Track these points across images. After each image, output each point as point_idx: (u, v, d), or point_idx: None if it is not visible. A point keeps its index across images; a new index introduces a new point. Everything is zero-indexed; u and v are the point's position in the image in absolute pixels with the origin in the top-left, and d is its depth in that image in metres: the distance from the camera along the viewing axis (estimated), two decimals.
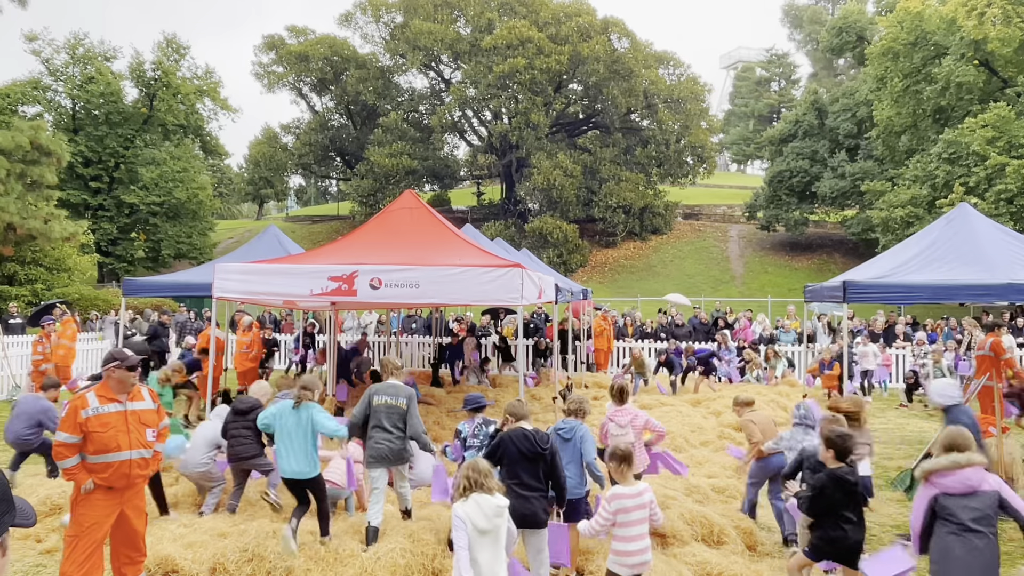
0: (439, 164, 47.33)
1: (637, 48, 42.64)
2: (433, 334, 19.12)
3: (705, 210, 49.54)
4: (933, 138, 29.15)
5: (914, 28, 29.44)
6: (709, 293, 32.97)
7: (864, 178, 34.33)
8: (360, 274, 8.55)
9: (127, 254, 36.21)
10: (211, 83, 40.16)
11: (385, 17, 46.61)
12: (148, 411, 5.58)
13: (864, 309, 21.34)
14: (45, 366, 12.48)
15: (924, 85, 29.33)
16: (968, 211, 10.30)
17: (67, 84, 36.09)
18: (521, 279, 8.27)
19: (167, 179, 36.07)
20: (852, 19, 39.77)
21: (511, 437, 5.53)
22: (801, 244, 41.10)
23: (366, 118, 48.50)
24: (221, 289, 9.51)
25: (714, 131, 48.26)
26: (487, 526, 4.49)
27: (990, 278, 8.54)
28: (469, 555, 4.42)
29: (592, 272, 39.81)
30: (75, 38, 36.17)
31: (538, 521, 5.34)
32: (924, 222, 24.23)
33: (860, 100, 37.20)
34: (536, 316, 20.05)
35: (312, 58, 45.77)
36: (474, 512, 4.49)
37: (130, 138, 37.16)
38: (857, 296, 9.31)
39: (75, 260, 29.17)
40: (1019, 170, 23.92)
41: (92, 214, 35.99)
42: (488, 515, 4.51)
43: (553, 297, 11.41)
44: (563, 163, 39.74)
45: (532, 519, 5.30)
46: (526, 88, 40.07)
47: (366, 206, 42.74)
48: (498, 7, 44.17)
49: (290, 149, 48.74)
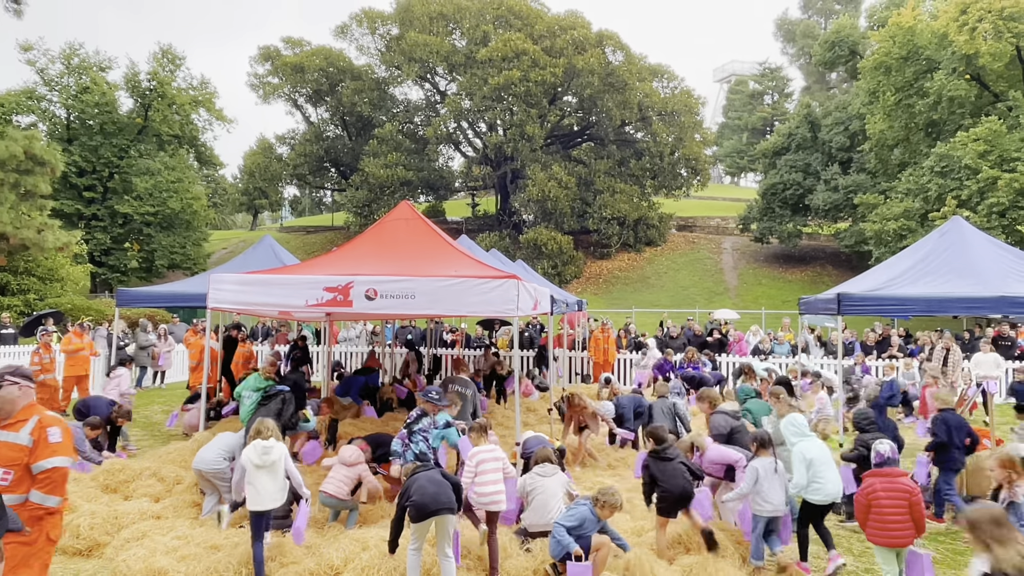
0: (434, 175, 47.42)
1: (631, 61, 42.88)
2: (428, 345, 19.10)
3: (699, 222, 49.74)
4: (925, 151, 29.34)
5: (906, 43, 29.70)
6: (703, 305, 33.04)
7: (857, 191, 34.53)
8: (356, 285, 8.53)
9: (120, 264, 36.06)
10: (206, 93, 40.16)
11: (381, 29, 46.79)
12: (13, 445, 4.63)
13: (856, 322, 21.41)
14: (43, 376, 12.39)
15: (916, 99, 29.56)
16: (961, 224, 10.35)
17: (62, 94, 36.04)
18: (517, 290, 8.27)
19: (161, 189, 35.99)
20: (844, 33, 40.11)
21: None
22: (795, 256, 41.26)
23: (361, 129, 48.58)
24: (216, 300, 9.47)
25: (708, 144, 48.52)
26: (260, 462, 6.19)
27: (983, 291, 8.58)
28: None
29: (587, 283, 39.86)
30: (70, 48, 36.15)
31: (446, 506, 5.79)
32: (917, 235, 24.36)
33: (853, 114, 37.48)
34: (531, 327, 20.06)
35: (308, 69, 45.87)
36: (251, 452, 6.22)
37: (124, 148, 37.09)
38: (851, 308, 9.34)
39: (68, 270, 29.03)
40: (1011, 184, 24.08)
41: (85, 224, 35.86)
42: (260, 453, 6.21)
43: (548, 308, 11.41)
44: (558, 175, 39.86)
45: (442, 505, 5.80)
46: (521, 100, 40.23)
47: (361, 217, 42.76)
48: (493, 20, 44.39)
49: (285, 160, 48.74)
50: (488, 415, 14.10)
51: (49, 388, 12.45)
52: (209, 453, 7.87)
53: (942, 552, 7.48)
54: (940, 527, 8.22)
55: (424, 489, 5.76)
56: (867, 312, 9.64)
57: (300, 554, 6.49)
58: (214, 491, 7.91)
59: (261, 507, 6.23)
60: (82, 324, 16.43)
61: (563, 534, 5.95)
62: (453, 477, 6.10)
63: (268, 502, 6.26)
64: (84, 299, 28.79)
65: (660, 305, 33.45)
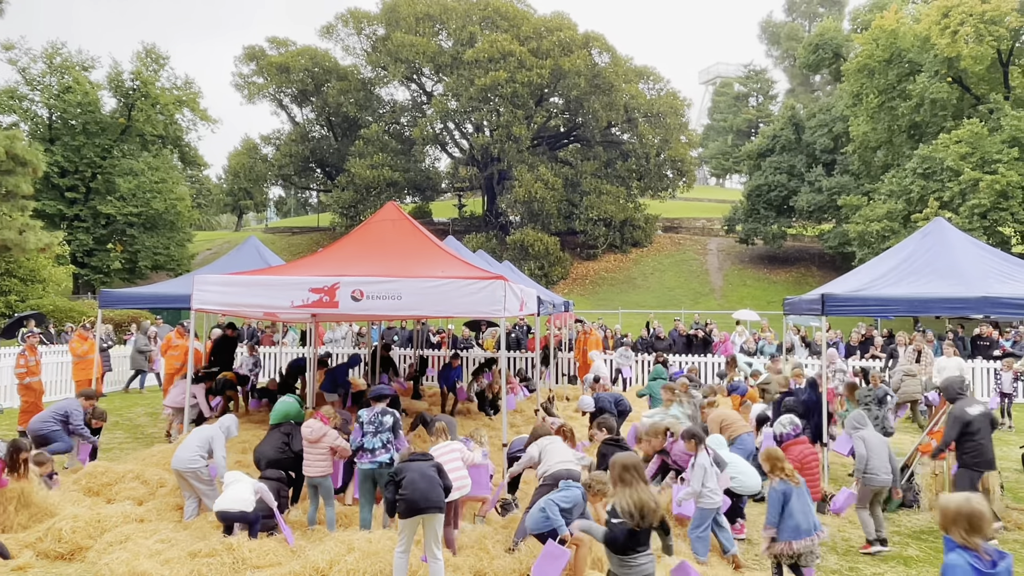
0: (420, 176, 47.33)
1: (617, 63, 43.00)
2: (414, 347, 19.06)
3: (685, 223, 49.95)
4: (908, 153, 29.61)
5: (889, 45, 29.96)
6: (689, 306, 33.17)
7: (840, 192, 34.79)
8: (342, 286, 8.50)
9: (103, 265, 35.73)
10: (190, 93, 39.90)
11: (367, 29, 46.65)
12: None
13: (839, 322, 21.59)
14: (29, 379, 12.23)
15: (899, 101, 29.82)
16: (943, 225, 10.42)
17: (44, 94, 35.67)
18: (504, 291, 8.25)
19: (145, 190, 35.71)
20: (828, 36, 40.38)
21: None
22: (779, 257, 41.51)
23: (347, 129, 48.40)
24: (200, 301, 9.40)
25: (693, 145, 48.71)
26: None
27: (966, 291, 8.63)
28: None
29: (573, 284, 39.92)
30: (52, 47, 35.80)
31: (434, 505, 5.80)
32: (899, 236, 24.58)
33: (836, 116, 37.78)
34: (518, 328, 20.06)
35: (293, 69, 45.66)
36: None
37: (107, 148, 36.77)
38: (836, 309, 9.37)
39: (50, 271, 28.74)
40: (992, 185, 24.34)
41: (68, 225, 35.52)
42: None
43: (535, 309, 11.41)
44: (544, 176, 39.90)
45: (431, 503, 5.81)
46: (508, 101, 40.24)
47: (347, 218, 42.62)
48: (480, 21, 44.38)
49: (270, 160, 48.46)
50: (471, 417, 14.11)
51: (34, 391, 12.27)
52: (185, 451, 7.66)
53: (924, 551, 7.55)
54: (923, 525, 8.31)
55: (415, 484, 5.72)
56: (851, 312, 9.67)
57: (285, 556, 6.46)
58: (193, 493, 7.72)
59: (222, 507, 6.69)
60: (85, 326, 16.11)
61: (556, 513, 5.91)
62: (445, 474, 6.05)
63: (229, 503, 6.69)
64: (66, 300, 28.52)
65: (646, 306, 33.56)
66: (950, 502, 3.70)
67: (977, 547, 3.52)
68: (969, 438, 7.78)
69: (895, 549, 7.57)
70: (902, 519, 8.56)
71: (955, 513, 3.62)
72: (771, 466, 6.11)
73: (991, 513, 3.98)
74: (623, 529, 4.58)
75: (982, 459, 7.77)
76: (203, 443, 7.72)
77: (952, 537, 3.62)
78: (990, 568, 3.48)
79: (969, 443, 7.78)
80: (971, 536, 3.54)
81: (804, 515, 5.94)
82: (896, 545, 7.67)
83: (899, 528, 8.25)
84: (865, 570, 7.01)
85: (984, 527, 3.56)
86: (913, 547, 7.63)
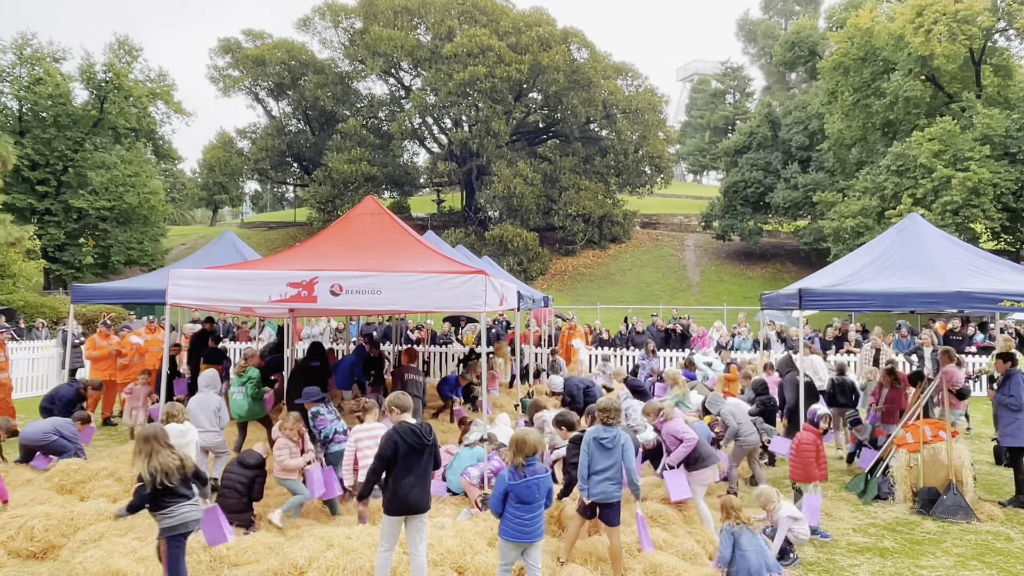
0: (399, 171, 47.06)
1: (596, 59, 43.04)
2: (393, 342, 18.95)
3: (663, 219, 50.21)
4: (882, 151, 29.98)
5: (864, 44, 30.30)
6: (667, 301, 33.36)
7: (816, 189, 35.15)
8: (320, 280, 8.39)
9: (75, 260, 35.11)
10: (164, 86, 39.30)
11: (344, 23, 46.23)
12: None
13: (813, 318, 21.82)
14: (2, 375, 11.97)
15: (873, 99, 30.18)
16: (918, 221, 10.55)
17: (13, 85, 34.95)
18: (484, 286, 8.21)
19: (118, 183, 35.13)
20: (804, 34, 40.74)
21: (399, 432, 5.73)
22: (755, 253, 41.87)
23: (324, 124, 47.95)
24: (175, 296, 9.23)
25: (671, 142, 48.94)
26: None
27: (940, 286, 8.74)
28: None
29: (552, 280, 39.96)
30: (22, 38, 35.08)
31: (424, 507, 5.74)
32: (874, 232, 24.89)
33: (812, 113, 38.14)
34: (498, 323, 20.03)
35: (269, 62, 45.12)
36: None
37: (79, 141, 36.13)
38: (812, 303, 9.46)
39: (20, 266, 28.10)
40: (964, 183, 24.72)
41: (38, 219, 34.87)
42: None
43: (515, 304, 11.39)
44: (523, 171, 39.87)
45: (422, 505, 5.73)
46: (486, 96, 40.13)
47: (324, 212, 42.26)
48: (458, 15, 44.17)
49: (246, 154, 47.83)
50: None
51: (4, 388, 12.03)
52: (202, 424, 7.87)
53: (900, 543, 7.65)
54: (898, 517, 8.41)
55: (410, 487, 5.64)
56: (828, 307, 9.78)
57: (263, 553, 6.39)
58: None
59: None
60: (106, 323, 15.51)
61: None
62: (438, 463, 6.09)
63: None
64: (37, 296, 27.96)
65: (624, 301, 33.69)
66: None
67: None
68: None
69: (871, 541, 7.66)
70: (877, 511, 8.67)
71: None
72: (725, 514, 6.55)
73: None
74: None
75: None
76: (210, 411, 8.42)
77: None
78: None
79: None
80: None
81: (757, 554, 6.22)
82: (872, 537, 7.77)
83: (875, 520, 8.36)
84: (842, 562, 7.09)
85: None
86: (889, 539, 7.73)
